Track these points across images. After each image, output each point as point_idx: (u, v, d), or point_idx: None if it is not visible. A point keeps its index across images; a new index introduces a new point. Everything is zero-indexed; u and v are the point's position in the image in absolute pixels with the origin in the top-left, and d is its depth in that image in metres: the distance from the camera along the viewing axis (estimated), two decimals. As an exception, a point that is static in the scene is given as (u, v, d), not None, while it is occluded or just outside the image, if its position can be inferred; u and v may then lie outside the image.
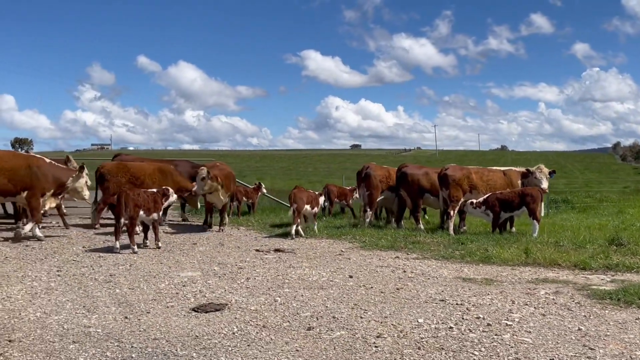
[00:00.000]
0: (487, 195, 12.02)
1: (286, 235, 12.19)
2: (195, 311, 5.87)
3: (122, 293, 6.68)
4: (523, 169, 12.79)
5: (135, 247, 9.56)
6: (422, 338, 4.90)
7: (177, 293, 6.69)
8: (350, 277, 7.65)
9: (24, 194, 10.63)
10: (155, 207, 9.95)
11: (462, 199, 12.17)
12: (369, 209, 13.21)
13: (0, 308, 5.93)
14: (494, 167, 13.42)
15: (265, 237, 12.11)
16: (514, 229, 12.19)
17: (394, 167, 14.58)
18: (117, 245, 9.53)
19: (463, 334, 5.00)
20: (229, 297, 6.50)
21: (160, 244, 10.09)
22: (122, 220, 9.49)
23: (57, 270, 7.94)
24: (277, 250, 10.07)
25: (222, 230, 12.97)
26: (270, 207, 17.63)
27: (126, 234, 9.76)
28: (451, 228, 11.98)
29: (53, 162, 11.39)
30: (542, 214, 12.08)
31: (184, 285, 7.10)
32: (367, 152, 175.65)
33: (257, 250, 10.05)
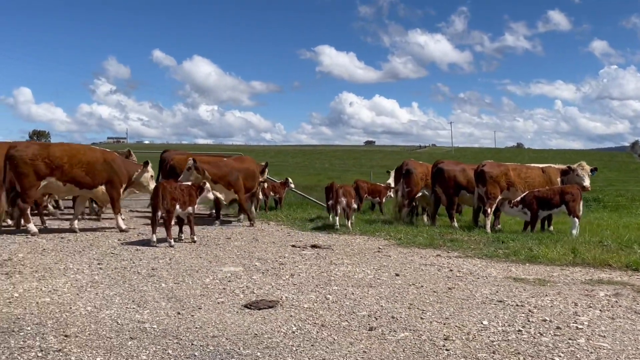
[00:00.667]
0: (524, 193, 11.77)
1: (318, 230, 12.07)
2: (247, 308, 5.71)
3: (168, 288, 6.54)
4: (563, 166, 12.49)
5: (172, 240, 9.44)
6: (492, 341, 4.70)
7: (224, 289, 6.54)
8: (397, 275, 7.46)
9: (102, 187, 10.89)
10: (191, 201, 9.81)
11: (500, 197, 11.91)
12: (407, 206, 13.01)
13: (49, 301, 5.81)
14: (532, 164, 13.13)
15: (298, 232, 11.95)
16: (552, 228, 11.93)
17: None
18: (154, 238, 9.42)
19: (535, 338, 4.79)
20: (278, 293, 6.33)
21: (195, 238, 9.96)
22: (159, 213, 9.36)
23: (98, 263, 7.82)
24: (313, 246, 9.90)
25: (253, 225, 12.85)
26: (297, 202, 17.45)
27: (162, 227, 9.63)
28: (488, 226, 11.74)
29: (119, 156, 11.75)
30: (582, 213, 11.79)
31: (229, 281, 6.94)
32: (381, 148, 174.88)
33: (293, 246, 9.88)
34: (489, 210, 11.85)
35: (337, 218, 12.25)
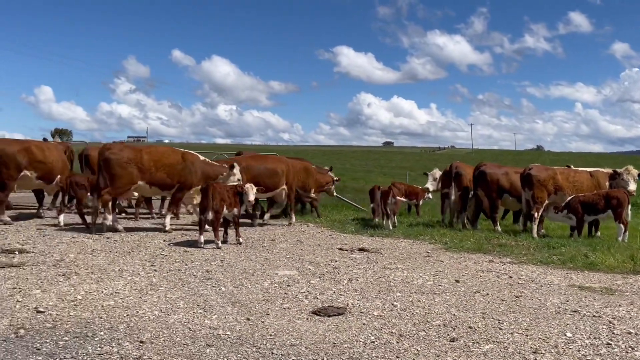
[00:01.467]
0: (569, 198, 11.51)
1: (360, 232, 11.92)
2: (316, 314, 5.57)
3: (228, 292, 6.43)
4: (610, 170, 12.19)
5: (220, 242, 9.34)
6: (584, 355, 4.51)
7: (285, 293, 6.41)
8: (457, 281, 7.27)
9: (176, 187, 11.08)
10: (236, 202, 9.71)
11: (547, 201, 11.65)
12: (462, 210, 12.82)
13: (114, 304, 5.72)
14: (580, 168, 12.84)
15: (340, 234, 11.79)
16: (599, 233, 11.64)
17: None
18: (202, 239, 9.34)
19: (628, 352, 4.59)
20: (342, 299, 6.19)
21: (241, 240, 9.86)
22: (208, 214, 9.25)
23: (151, 265, 7.73)
24: (361, 249, 9.73)
25: (291, 224, 12.80)
26: (332, 204, 17.29)
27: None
28: (535, 231, 11.48)
29: (206, 159, 11.88)
30: (629, 218, 11.50)
31: (288, 285, 6.81)
32: (400, 149, 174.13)
33: (340, 249, 9.73)
34: (536, 214, 11.59)
35: (384, 221, 12.45)
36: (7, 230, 10.14)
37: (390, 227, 12.19)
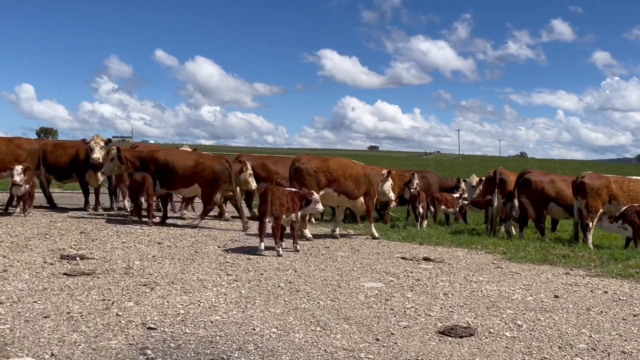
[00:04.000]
0: (623, 208, 11.26)
1: (407, 240, 11.56)
2: (445, 335, 5.17)
3: (329, 305, 6.01)
4: (665, 179, 11.97)
5: (280, 249, 8.92)
6: None
7: (391, 309, 6.01)
8: (556, 297, 6.91)
9: (361, 198, 11.64)
10: (294, 208, 9.26)
11: (601, 210, 11.38)
12: (507, 218, 12.49)
13: (221, 320, 5.27)
14: (634, 177, 12.59)
15: (389, 242, 11.38)
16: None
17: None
18: (262, 246, 8.88)
19: None
20: (456, 317, 5.80)
21: (298, 247, 9.42)
22: (267, 219, 8.84)
23: (227, 274, 7.27)
24: (426, 259, 9.35)
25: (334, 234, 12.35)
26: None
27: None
28: (590, 241, 11.21)
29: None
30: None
31: (386, 300, 6.41)
32: (386, 154, 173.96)
33: (403, 258, 9.34)
34: (590, 224, 11.32)
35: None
36: (51, 234, 9.55)
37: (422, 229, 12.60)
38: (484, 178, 14.43)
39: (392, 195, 12.94)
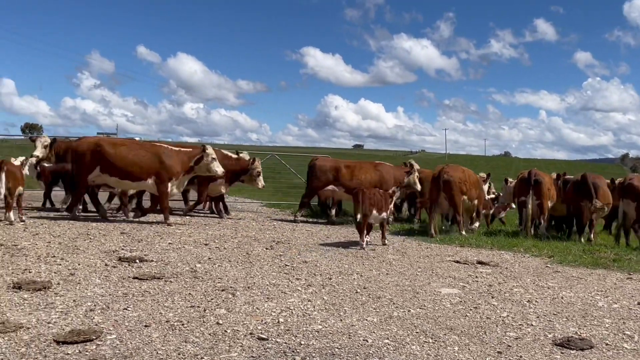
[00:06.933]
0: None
1: (446, 242, 11.35)
2: (564, 347, 4.93)
3: (422, 314, 5.78)
4: None
5: (364, 243, 9.67)
6: None
7: (487, 318, 5.77)
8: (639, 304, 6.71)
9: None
10: (385, 207, 9.96)
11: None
12: (542, 220, 12.28)
13: (322, 329, 4.97)
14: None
15: (429, 244, 11.15)
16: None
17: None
18: (364, 242, 9.71)
19: None
20: (560, 327, 5.56)
21: (386, 242, 10.28)
22: (360, 217, 9.42)
23: (296, 279, 6.99)
24: (480, 262, 9.13)
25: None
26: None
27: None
28: None
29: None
30: None
31: (475, 307, 6.16)
32: (372, 152, 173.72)
33: (457, 262, 9.10)
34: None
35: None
36: (94, 234, 9.16)
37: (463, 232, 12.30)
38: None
39: (418, 187, 13.95)
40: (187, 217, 12.99)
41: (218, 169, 11.46)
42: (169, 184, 10.98)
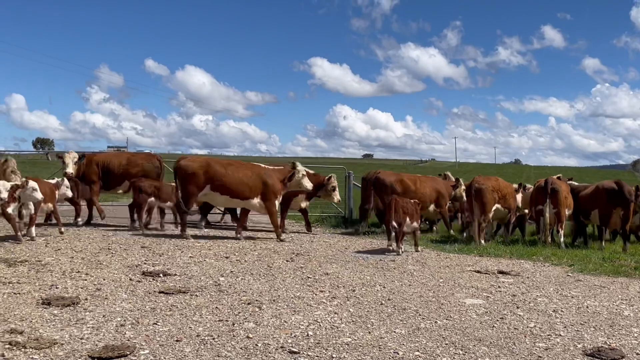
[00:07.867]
0: None
1: (461, 252, 11.29)
2: (595, 357, 4.93)
3: (447, 325, 5.79)
4: None
5: (400, 250, 10.21)
6: None
7: (515, 328, 5.76)
8: (666, 312, 6.65)
9: (432, 206, 13.99)
10: (417, 216, 10.50)
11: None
12: (560, 229, 12.21)
13: (352, 342, 4.98)
14: None
15: (447, 254, 11.09)
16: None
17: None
18: (399, 249, 10.23)
19: None
20: (588, 338, 5.54)
21: (419, 249, 10.76)
22: (392, 225, 9.96)
23: (320, 291, 7.01)
24: (501, 272, 9.09)
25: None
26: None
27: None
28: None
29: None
30: None
31: (501, 318, 6.16)
32: (382, 162, 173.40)
33: (478, 272, 9.06)
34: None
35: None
36: (115, 249, 9.23)
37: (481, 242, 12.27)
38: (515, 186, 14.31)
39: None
40: (206, 229, 13.03)
41: (308, 184, 12.00)
42: (276, 202, 11.58)
